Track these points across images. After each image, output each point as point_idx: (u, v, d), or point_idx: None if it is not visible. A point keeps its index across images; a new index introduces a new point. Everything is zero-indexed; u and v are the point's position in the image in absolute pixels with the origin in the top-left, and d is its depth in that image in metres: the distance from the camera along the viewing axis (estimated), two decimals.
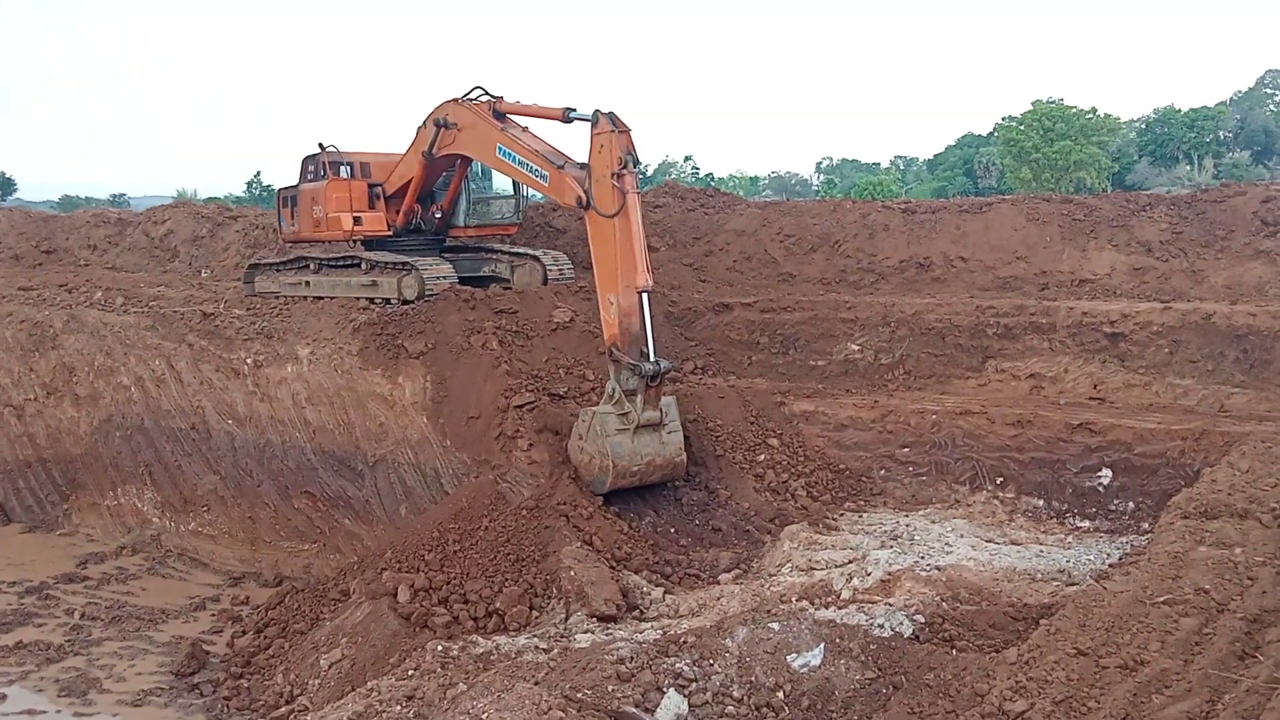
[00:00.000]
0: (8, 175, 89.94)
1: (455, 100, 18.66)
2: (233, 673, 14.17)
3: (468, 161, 20.29)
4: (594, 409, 15.83)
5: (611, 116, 15.41)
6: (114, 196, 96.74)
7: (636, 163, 15.40)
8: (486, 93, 18.33)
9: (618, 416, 15.51)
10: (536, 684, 9.17)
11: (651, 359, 15.32)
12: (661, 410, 15.74)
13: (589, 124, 15.67)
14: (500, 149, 17.65)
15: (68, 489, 21.44)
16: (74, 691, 14.07)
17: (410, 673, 11.18)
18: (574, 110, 16.57)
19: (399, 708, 10.11)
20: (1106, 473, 15.77)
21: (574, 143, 17.84)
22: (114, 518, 20.68)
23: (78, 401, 21.29)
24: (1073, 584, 12.58)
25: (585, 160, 15.99)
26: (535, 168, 16.99)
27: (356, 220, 20.53)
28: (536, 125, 17.96)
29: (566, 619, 12.90)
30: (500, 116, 17.95)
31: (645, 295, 15.34)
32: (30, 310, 22.90)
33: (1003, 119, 63.05)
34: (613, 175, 15.17)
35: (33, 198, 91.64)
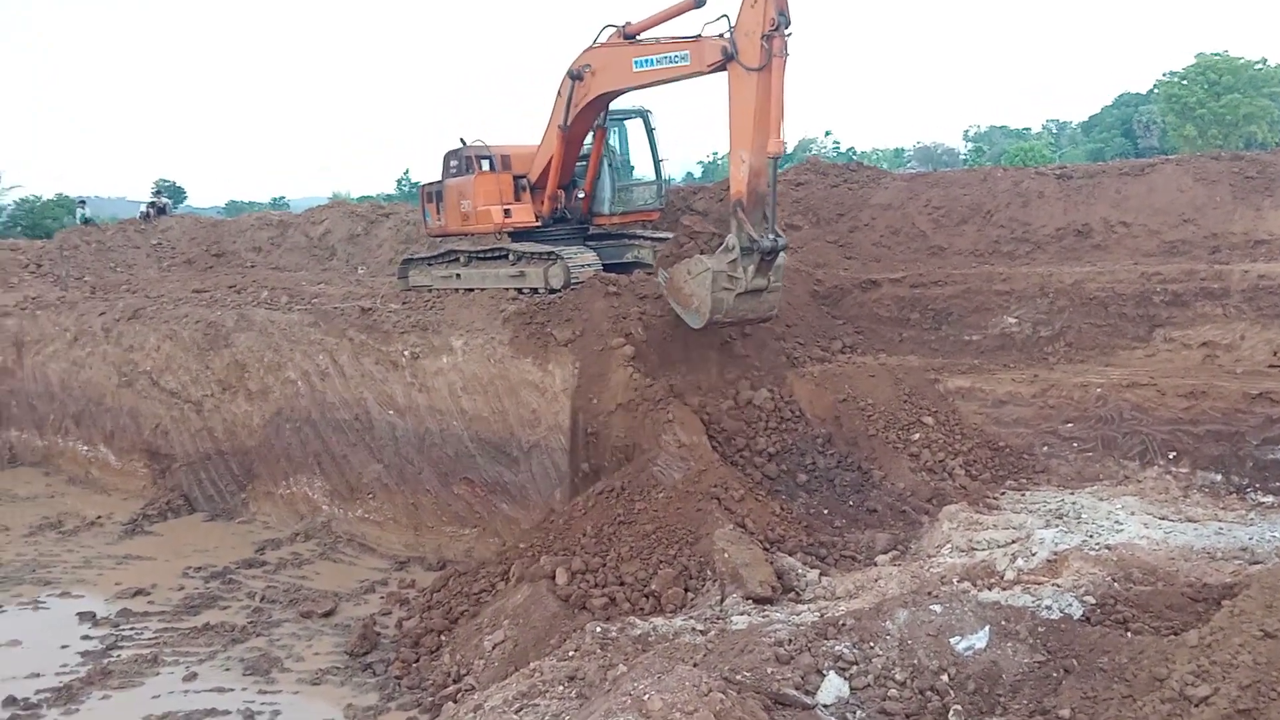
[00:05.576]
0: (179, 184, 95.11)
1: (587, 49, 18.70)
2: (402, 654, 14.68)
3: (604, 134, 20.40)
4: (708, 261, 15.88)
5: None
6: (274, 199, 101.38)
7: (789, 23, 14.67)
8: (613, 26, 18.22)
9: (728, 276, 15.67)
10: (695, 665, 9.20)
11: (771, 231, 15.39)
12: (770, 277, 15.88)
13: None
14: (635, 61, 17.41)
15: (244, 479, 22.53)
16: (257, 670, 14.79)
17: (571, 654, 11.38)
18: None
19: (561, 688, 10.32)
20: None
21: None
22: (287, 506, 21.65)
23: (250, 396, 22.36)
24: (1256, 562, 11.94)
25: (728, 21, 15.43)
26: (673, 55, 16.59)
27: (506, 212, 20.86)
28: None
29: (722, 601, 12.91)
30: (633, 40, 17.79)
31: (775, 161, 15.24)
32: (204, 311, 24.17)
33: (1164, 75, 59.87)
34: (763, 36, 14.56)
35: (202, 204, 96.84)
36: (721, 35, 15.53)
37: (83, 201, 51.52)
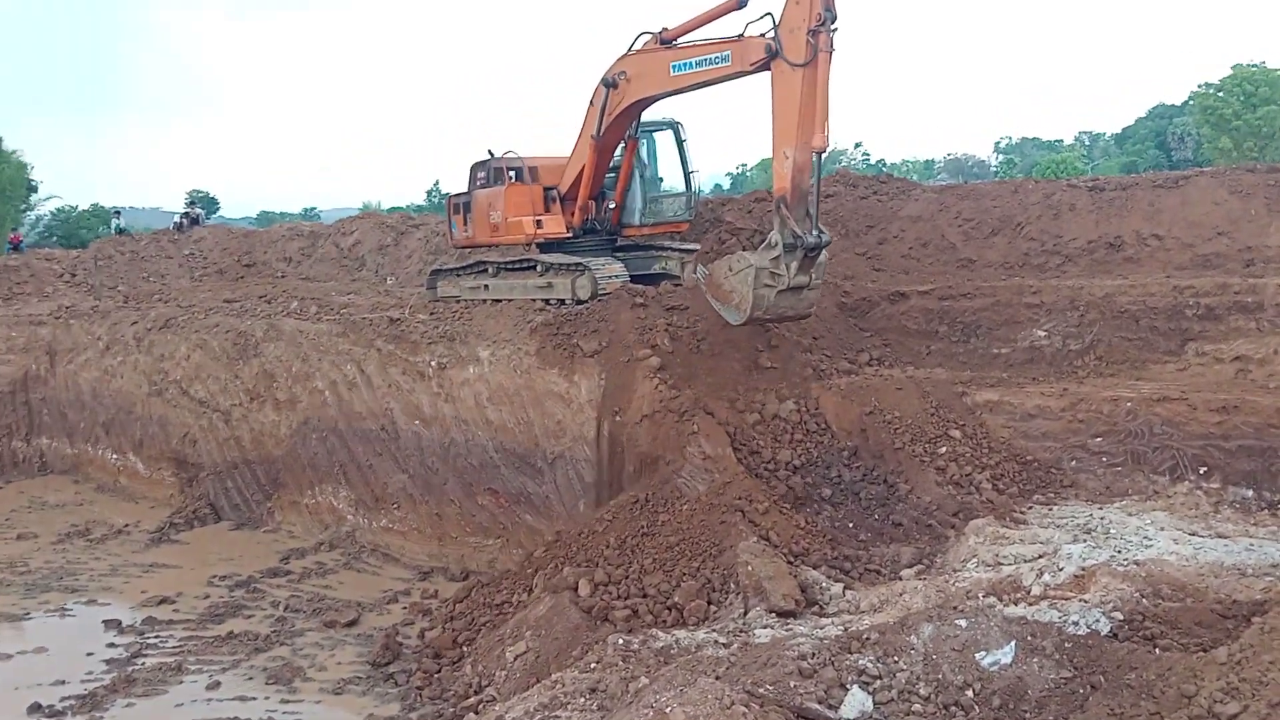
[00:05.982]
0: (212, 195, 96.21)
1: (622, 56, 18.62)
2: (424, 664, 14.69)
3: (635, 145, 20.41)
4: (751, 258, 15.68)
5: None
6: (305, 210, 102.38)
7: (834, 19, 14.60)
8: (649, 32, 18.13)
9: (770, 274, 15.50)
10: (718, 679, 9.13)
11: (815, 228, 15.22)
12: (812, 275, 15.69)
13: None
14: (673, 65, 17.32)
15: (270, 488, 22.66)
16: (280, 679, 14.84)
17: (593, 666, 11.34)
18: None
19: (583, 700, 10.27)
20: None
21: None
22: (312, 515, 21.76)
23: (278, 405, 22.50)
24: None
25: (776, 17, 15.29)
26: (712, 57, 16.49)
27: (538, 223, 20.89)
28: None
29: (745, 614, 12.82)
30: (670, 45, 17.69)
31: (819, 157, 15.06)
32: (234, 321, 24.38)
33: (1199, 86, 59.19)
34: (809, 32, 14.49)
35: (233, 215, 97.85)
36: (763, 34, 15.48)
37: (117, 212, 52.37)
